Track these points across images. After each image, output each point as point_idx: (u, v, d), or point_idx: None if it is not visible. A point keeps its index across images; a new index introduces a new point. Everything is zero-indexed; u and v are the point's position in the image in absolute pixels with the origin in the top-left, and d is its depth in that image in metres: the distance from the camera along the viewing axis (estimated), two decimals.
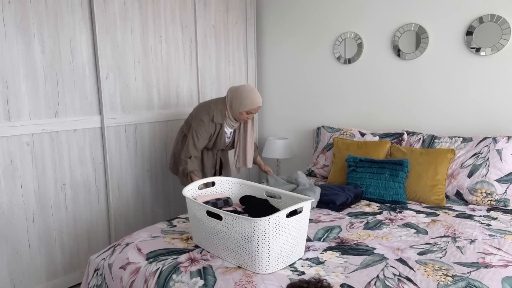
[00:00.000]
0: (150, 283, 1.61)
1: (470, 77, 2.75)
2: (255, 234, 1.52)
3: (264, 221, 1.50)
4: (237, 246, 1.60)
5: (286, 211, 1.55)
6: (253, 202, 1.95)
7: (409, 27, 2.93)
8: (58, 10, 2.31)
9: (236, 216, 1.56)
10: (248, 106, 2.36)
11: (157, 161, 2.98)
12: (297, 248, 1.66)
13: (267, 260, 1.55)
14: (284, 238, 1.58)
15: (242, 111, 2.38)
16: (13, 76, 2.16)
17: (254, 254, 1.55)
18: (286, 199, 1.85)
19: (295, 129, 3.70)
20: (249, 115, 2.42)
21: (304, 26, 3.47)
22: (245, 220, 1.53)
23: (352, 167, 2.67)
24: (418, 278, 1.50)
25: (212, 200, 1.92)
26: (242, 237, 1.57)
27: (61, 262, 2.48)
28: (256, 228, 1.51)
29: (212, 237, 1.71)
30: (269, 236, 1.53)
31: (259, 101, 2.39)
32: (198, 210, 1.74)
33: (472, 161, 2.49)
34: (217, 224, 1.66)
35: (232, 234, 1.61)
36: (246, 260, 1.59)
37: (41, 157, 2.32)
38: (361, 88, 3.25)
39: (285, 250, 1.60)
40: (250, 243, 1.55)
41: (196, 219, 1.78)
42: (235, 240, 1.60)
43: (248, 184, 2.06)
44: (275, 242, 1.55)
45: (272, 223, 1.52)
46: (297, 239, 1.65)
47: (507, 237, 1.88)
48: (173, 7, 2.94)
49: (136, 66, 2.75)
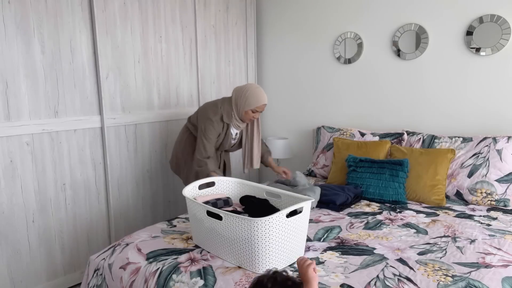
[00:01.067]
0: (150, 283, 1.61)
1: (470, 77, 2.75)
2: (255, 234, 1.52)
3: (264, 221, 1.50)
4: (237, 246, 1.60)
5: (286, 211, 1.55)
6: (253, 202, 1.94)
7: (409, 27, 2.93)
8: (58, 10, 2.31)
9: (236, 216, 1.56)
10: (253, 104, 2.35)
11: (157, 161, 2.98)
12: (297, 248, 1.66)
13: (267, 260, 1.55)
14: (284, 238, 1.57)
15: (247, 110, 2.37)
16: (13, 76, 2.16)
17: (254, 254, 1.55)
18: (286, 199, 1.85)
19: (295, 129, 3.70)
20: (255, 114, 2.40)
21: (304, 26, 3.47)
22: (245, 220, 1.53)
23: (352, 167, 2.67)
24: (418, 278, 1.50)
25: (212, 200, 1.91)
26: (242, 237, 1.57)
27: (61, 262, 2.48)
28: (256, 228, 1.51)
29: (212, 237, 1.71)
30: (269, 236, 1.52)
31: (264, 99, 2.38)
32: (198, 210, 1.74)
33: (472, 161, 2.49)
34: (217, 224, 1.65)
35: (232, 234, 1.60)
36: (246, 260, 1.59)
37: (41, 157, 2.32)
38: (361, 88, 3.25)
39: (285, 250, 1.59)
40: (250, 243, 1.54)
41: (196, 219, 1.78)
42: (235, 240, 1.60)
43: (248, 184, 2.06)
44: (275, 242, 1.54)
45: (272, 223, 1.52)
46: (297, 239, 1.65)
47: (507, 237, 1.88)
48: (173, 7, 2.94)
49: (136, 66, 2.75)
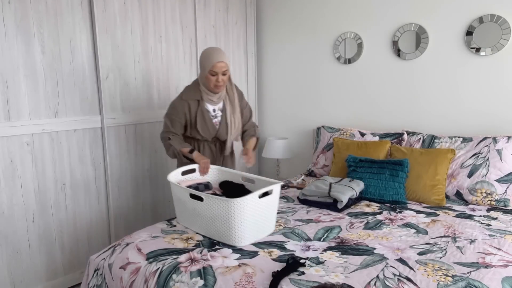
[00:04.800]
0: (150, 283, 1.61)
1: (470, 77, 2.75)
2: (232, 212, 1.75)
3: (239, 201, 1.74)
4: (216, 224, 1.83)
5: (259, 193, 1.80)
6: (231, 186, 2.17)
7: (409, 27, 2.93)
8: (58, 10, 2.31)
9: (215, 197, 1.80)
10: (208, 65, 2.18)
11: (157, 161, 2.98)
12: (268, 224, 1.93)
13: (242, 234, 1.79)
14: (257, 215, 1.82)
15: (207, 75, 2.21)
16: (13, 76, 2.16)
17: (231, 229, 1.79)
18: (259, 183, 2.08)
19: (295, 129, 3.70)
20: (215, 76, 2.21)
21: (304, 26, 3.47)
22: (223, 200, 1.77)
23: (352, 167, 2.67)
24: (418, 278, 1.50)
25: (194, 185, 2.11)
26: (220, 215, 1.80)
27: (61, 262, 2.48)
28: (233, 207, 1.75)
29: (194, 217, 1.94)
30: (244, 214, 1.76)
31: (216, 57, 2.17)
32: (182, 193, 1.97)
33: (472, 161, 2.49)
34: (198, 205, 1.89)
35: (212, 213, 1.84)
36: (224, 235, 1.82)
37: (41, 157, 2.32)
38: (361, 88, 3.25)
39: (257, 225, 1.85)
40: (228, 221, 1.78)
41: (180, 201, 2.01)
42: (214, 218, 1.83)
43: (226, 170, 2.29)
44: (249, 219, 1.78)
45: (247, 203, 1.76)
46: (268, 216, 1.91)
47: (507, 237, 1.88)
48: (173, 7, 2.94)
49: (136, 66, 2.75)
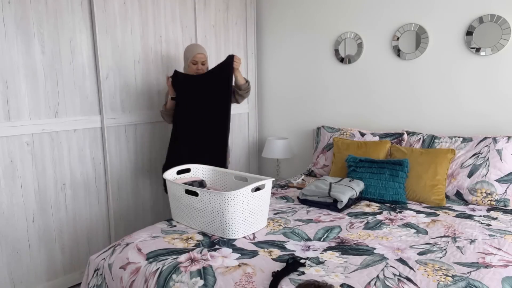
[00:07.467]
0: (150, 283, 1.61)
1: (470, 77, 2.75)
2: (226, 205, 1.84)
3: (233, 195, 1.83)
4: (211, 217, 1.91)
5: (251, 186, 1.89)
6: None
7: (409, 27, 2.93)
8: (58, 10, 2.31)
9: (210, 192, 1.88)
10: (190, 56, 2.57)
11: (157, 161, 2.98)
12: (260, 218, 1.99)
13: (235, 226, 1.87)
14: (249, 209, 1.90)
15: (189, 64, 2.59)
16: (13, 76, 2.16)
17: (224, 222, 1.87)
18: (252, 181, 2.15)
19: (295, 129, 3.70)
20: (196, 65, 2.58)
21: (304, 26, 3.47)
22: (218, 194, 1.85)
23: (352, 167, 2.67)
24: (418, 278, 1.50)
25: (188, 182, 2.19)
26: (215, 209, 1.88)
27: (61, 262, 2.48)
28: (227, 200, 1.83)
29: (189, 212, 2.02)
30: (238, 207, 1.85)
31: (197, 50, 2.58)
32: (177, 190, 2.06)
33: (472, 161, 2.49)
34: (193, 200, 1.97)
35: (206, 207, 1.92)
36: (218, 228, 1.91)
37: (41, 157, 2.32)
38: (361, 88, 3.25)
39: (250, 219, 1.92)
40: (222, 214, 1.86)
41: (175, 197, 2.09)
42: (209, 212, 1.91)
43: (219, 170, 2.36)
44: (242, 212, 1.87)
45: (240, 196, 1.84)
46: (260, 210, 1.98)
47: (507, 237, 1.88)
48: (173, 7, 2.94)
49: (136, 66, 2.75)
